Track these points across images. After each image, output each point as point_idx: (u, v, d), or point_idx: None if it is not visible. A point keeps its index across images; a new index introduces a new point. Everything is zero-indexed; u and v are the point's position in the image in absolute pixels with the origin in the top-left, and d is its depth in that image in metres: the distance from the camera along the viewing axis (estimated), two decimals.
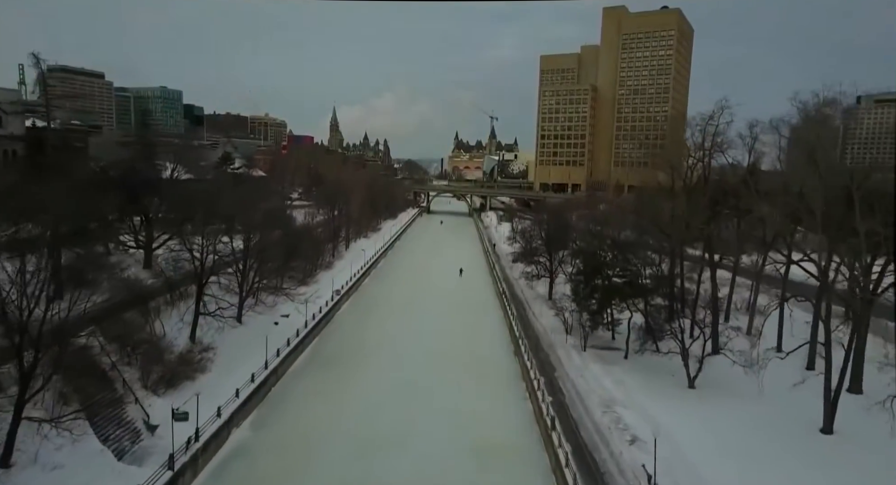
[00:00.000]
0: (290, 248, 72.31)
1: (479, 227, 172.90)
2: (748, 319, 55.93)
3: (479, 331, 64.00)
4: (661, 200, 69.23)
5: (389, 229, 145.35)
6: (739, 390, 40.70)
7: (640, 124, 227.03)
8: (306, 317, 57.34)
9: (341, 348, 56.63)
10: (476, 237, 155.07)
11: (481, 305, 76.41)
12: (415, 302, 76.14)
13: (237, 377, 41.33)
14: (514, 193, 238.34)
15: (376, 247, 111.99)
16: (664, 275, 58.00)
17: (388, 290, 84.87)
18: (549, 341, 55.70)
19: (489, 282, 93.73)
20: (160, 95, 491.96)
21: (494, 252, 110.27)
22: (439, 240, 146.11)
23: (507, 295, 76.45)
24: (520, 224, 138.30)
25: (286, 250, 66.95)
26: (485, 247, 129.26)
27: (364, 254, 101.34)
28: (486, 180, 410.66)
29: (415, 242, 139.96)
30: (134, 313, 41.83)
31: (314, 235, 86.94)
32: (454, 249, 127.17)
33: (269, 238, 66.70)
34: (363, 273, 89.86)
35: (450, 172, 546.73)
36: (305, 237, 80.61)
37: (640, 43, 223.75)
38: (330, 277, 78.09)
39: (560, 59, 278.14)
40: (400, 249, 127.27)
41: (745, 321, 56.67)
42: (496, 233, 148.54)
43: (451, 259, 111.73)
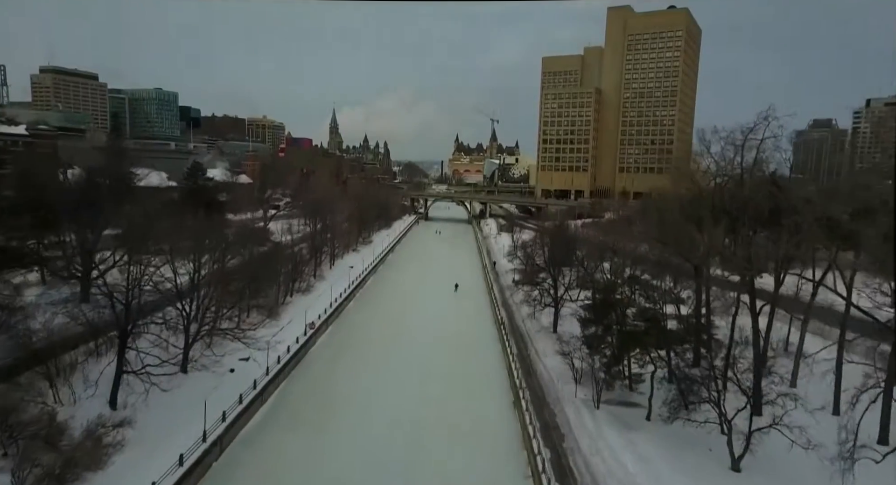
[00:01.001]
0: (258, 274, 63.59)
1: (477, 237, 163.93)
2: (793, 368, 46.89)
3: (473, 376, 54.92)
4: (682, 221, 60.28)
5: (383, 241, 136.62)
6: (801, 477, 31.94)
7: (647, 129, 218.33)
8: (268, 363, 48.48)
9: (307, 403, 47.60)
10: (474, 249, 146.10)
11: (476, 338, 67.36)
12: (401, 335, 67.18)
13: (166, 456, 32.60)
14: (515, 199, 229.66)
15: (366, 263, 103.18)
16: (692, 319, 49.05)
17: (374, 317, 75.87)
18: (555, 394, 46.82)
19: (486, 306, 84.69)
20: (155, 97, 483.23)
21: (494, 270, 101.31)
22: (435, 253, 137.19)
23: (507, 326, 67.59)
24: (521, 235, 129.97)
25: (250, 279, 58.17)
26: (483, 261, 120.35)
27: (351, 272, 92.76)
28: (486, 184, 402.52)
29: (408, 256, 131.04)
30: (32, 375, 33.02)
31: (292, 255, 77.96)
32: (450, 264, 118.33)
33: (229, 266, 58.09)
34: (347, 295, 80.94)
35: (450, 176, 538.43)
36: (279, 259, 71.75)
37: (646, 44, 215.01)
38: (306, 305, 69.30)
39: (562, 61, 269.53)
40: (392, 265, 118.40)
41: (785, 364, 47.88)
42: (496, 244, 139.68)
43: (446, 276, 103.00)
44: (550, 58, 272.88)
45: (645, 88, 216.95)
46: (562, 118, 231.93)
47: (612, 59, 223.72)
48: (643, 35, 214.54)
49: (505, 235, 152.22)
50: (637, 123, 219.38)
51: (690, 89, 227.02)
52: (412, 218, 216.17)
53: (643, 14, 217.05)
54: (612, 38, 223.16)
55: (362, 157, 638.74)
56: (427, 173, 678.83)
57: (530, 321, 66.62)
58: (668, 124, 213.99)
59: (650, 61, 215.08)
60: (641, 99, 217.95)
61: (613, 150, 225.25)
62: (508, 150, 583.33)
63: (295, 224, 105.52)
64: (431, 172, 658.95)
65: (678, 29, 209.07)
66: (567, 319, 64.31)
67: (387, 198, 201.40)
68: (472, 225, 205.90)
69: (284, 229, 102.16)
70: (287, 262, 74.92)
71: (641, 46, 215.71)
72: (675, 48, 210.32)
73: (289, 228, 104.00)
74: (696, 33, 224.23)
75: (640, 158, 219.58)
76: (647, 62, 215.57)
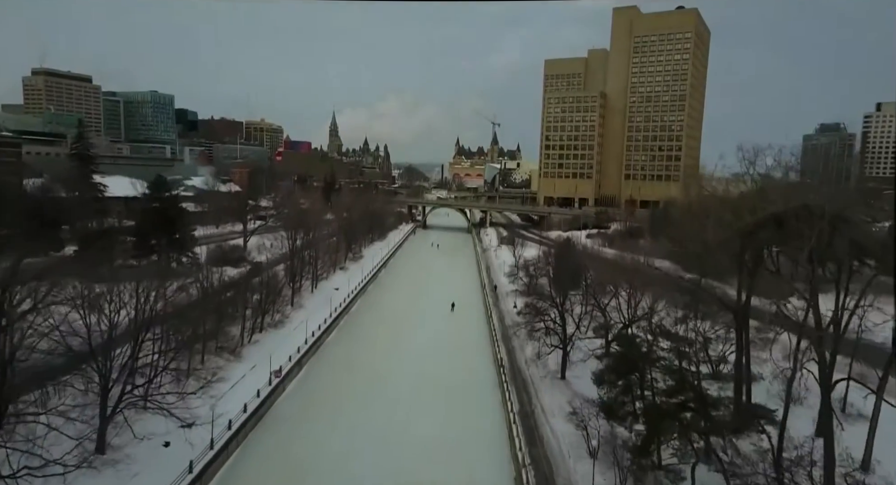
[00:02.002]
0: (218, 309, 54.75)
1: (477, 249, 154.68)
2: (865, 446, 37.64)
3: (468, 442, 45.50)
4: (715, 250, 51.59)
5: (376, 255, 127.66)
6: None
7: (654, 134, 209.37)
8: (213, 434, 39.41)
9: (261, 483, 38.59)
10: (473, 264, 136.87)
11: (473, 384, 57.94)
12: (384, 380, 57.89)
13: None
14: (516, 208, 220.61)
15: (353, 283, 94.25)
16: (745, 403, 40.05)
17: (356, 353, 66.53)
18: (566, 474, 37.76)
19: (485, 339, 75.30)
20: (150, 100, 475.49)
21: (494, 293, 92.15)
22: (431, 268, 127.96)
23: (507, 368, 58.50)
24: (522, 249, 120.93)
25: (200, 319, 49.31)
26: (482, 279, 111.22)
27: (335, 296, 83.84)
28: (487, 189, 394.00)
29: (401, 273, 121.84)
30: None
31: (264, 282, 68.89)
32: (446, 282, 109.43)
33: (179, 302, 49.14)
34: (328, 327, 71.92)
35: (450, 180, 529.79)
36: (246, 288, 62.80)
37: (653, 46, 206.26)
38: (278, 343, 60.37)
39: (566, 64, 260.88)
40: (383, 284, 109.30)
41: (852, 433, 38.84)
42: (496, 259, 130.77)
43: (441, 297, 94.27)
44: (553, 61, 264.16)
45: (652, 92, 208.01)
46: (565, 123, 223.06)
47: (618, 62, 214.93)
48: (650, 37, 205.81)
49: (506, 248, 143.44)
50: (644, 128, 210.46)
51: (699, 93, 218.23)
52: (410, 227, 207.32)
53: (650, 15, 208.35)
54: (618, 39, 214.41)
55: (362, 160, 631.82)
56: (427, 177, 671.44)
57: (535, 365, 57.55)
58: (677, 130, 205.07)
59: (658, 64, 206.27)
60: (648, 103, 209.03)
61: (619, 156, 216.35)
62: (510, 153, 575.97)
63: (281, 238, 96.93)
64: (432, 174, 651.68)
65: (687, 30, 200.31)
66: (577, 363, 55.41)
67: (382, 207, 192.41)
68: (472, 234, 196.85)
69: (270, 245, 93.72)
70: (259, 290, 66.00)
71: (648, 49, 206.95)
72: (683, 50, 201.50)
73: (271, 244, 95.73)
74: (704, 34, 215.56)
75: (647, 165, 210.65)
76: (655, 65, 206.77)
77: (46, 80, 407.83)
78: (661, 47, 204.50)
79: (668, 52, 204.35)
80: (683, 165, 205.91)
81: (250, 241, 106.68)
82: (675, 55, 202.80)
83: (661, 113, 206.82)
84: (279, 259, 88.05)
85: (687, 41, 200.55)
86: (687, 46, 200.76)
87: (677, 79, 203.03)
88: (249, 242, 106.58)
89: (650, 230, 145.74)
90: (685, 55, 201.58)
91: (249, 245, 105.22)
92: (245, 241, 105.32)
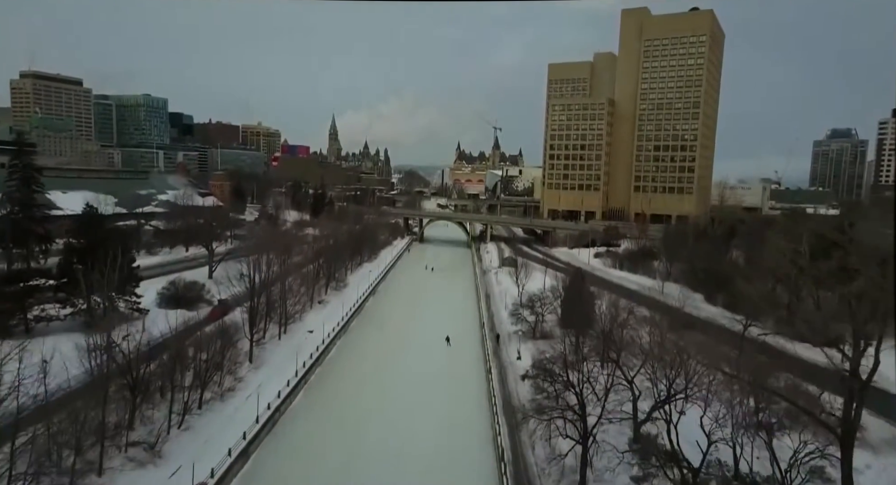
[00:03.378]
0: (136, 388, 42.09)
1: (476, 272, 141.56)
2: None
3: None
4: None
5: (363, 281, 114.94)
6: None
7: (665, 144, 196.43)
8: None
9: None
10: (471, 290, 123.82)
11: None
12: (358, 465, 45.20)
13: None
14: (519, 221, 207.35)
15: (332, 323, 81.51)
16: None
17: (320, 439, 53.23)
18: None
19: (482, 410, 61.76)
20: (143, 103, 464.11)
21: (496, 342, 78.68)
22: (423, 298, 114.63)
23: (510, 465, 45.52)
24: (527, 276, 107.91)
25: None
26: (481, 315, 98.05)
27: (305, 345, 71.23)
28: (488, 197, 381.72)
29: (389, 305, 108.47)
30: None
31: (216, 335, 56.07)
32: (440, 318, 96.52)
33: None
34: (288, 395, 58.75)
35: (450, 186, 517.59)
36: (183, 355, 49.91)
37: (665, 50, 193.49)
38: (220, 426, 47.55)
39: (570, 68, 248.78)
40: (368, 318, 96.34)
41: None
42: (497, 285, 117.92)
43: (432, 340, 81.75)
44: (557, 65, 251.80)
45: (664, 99, 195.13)
46: (570, 132, 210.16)
47: (627, 67, 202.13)
48: (662, 40, 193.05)
49: (508, 270, 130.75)
50: (654, 137, 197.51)
51: (713, 99, 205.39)
52: (405, 241, 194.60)
53: (662, 17, 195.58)
54: (627, 43, 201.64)
55: (361, 165, 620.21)
56: (428, 181, 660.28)
57: (547, 464, 44.50)
58: (690, 140, 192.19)
59: (670, 69, 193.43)
60: (659, 111, 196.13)
61: (628, 167, 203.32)
62: (512, 158, 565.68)
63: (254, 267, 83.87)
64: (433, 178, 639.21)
65: (702, 33, 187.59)
66: (603, 470, 42.39)
67: (377, 219, 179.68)
68: (471, 249, 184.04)
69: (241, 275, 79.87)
70: (207, 347, 53.16)
71: (660, 52, 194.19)
72: (697, 55, 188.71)
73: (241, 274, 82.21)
74: (720, 38, 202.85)
75: (658, 177, 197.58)
76: (667, 70, 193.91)
77: (34, 83, 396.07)
78: (674, 51, 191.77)
79: (681, 57, 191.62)
80: (697, 176, 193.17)
81: (218, 270, 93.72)
82: (689, 60, 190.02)
83: (674, 121, 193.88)
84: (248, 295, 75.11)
85: (702, 45, 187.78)
86: (702, 50, 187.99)
87: (691, 85, 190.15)
88: (217, 272, 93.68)
89: (666, 251, 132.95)
90: (699, 60, 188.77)
91: (218, 275, 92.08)
92: (210, 270, 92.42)
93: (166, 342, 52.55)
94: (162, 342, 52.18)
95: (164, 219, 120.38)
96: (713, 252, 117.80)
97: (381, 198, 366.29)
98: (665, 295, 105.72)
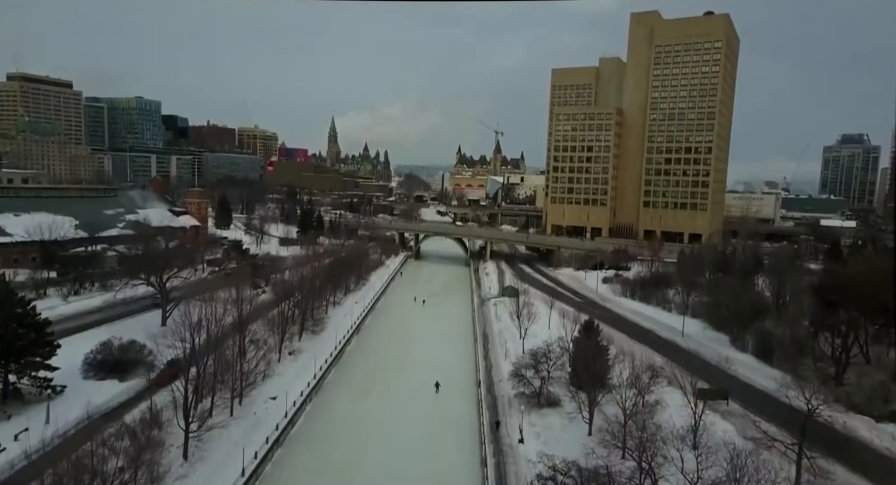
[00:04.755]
0: None
1: (474, 301, 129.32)
2: None
3: None
4: None
5: (347, 317, 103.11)
6: None
7: (677, 157, 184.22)
8: None
9: None
10: (468, 326, 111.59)
11: None
12: None
13: None
14: (521, 239, 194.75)
15: (301, 382, 69.67)
16: None
17: None
18: None
19: None
20: (136, 106, 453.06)
21: (497, 428, 65.50)
22: (412, 339, 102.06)
23: None
24: (529, 316, 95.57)
25: None
26: (477, 364, 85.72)
27: (268, 413, 59.51)
28: (489, 205, 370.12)
29: (375, 346, 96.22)
30: None
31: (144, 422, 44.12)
32: (432, 362, 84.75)
33: None
34: None
35: (450, 192, 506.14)
36: None
37: (677, 57, 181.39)
38: None
39: (575, 74, 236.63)
40: (347, 369, 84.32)
41: None
42: (495, 321, 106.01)
43: (417, 401, 70.06)
44: (561, 70, 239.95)
45: (675, 109, 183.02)
46: (575, 143, 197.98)
47: (636, 74, 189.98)
48: (674, 46, 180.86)
49: (508, 301, 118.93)
50: (665, 149, 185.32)
51: (728, 109, 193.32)
52: (400, 259, 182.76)
53: (674, 21, 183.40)
54: (636, 48, 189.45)
55: (359, 169, 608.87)
56: (428, 184, 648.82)
57: None
58: (704, 152, 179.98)
59: (682, 77, 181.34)
60: (671, 121, 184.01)
61: (636, 181, 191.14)
62: (513, 162, 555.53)
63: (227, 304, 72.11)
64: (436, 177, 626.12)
65: (717, 39, 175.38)
66: None
67: (369, 238, 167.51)
68: (470, 269, 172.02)
69: (204, 322, 67.23)
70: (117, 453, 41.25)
71: (672, 59, 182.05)
72: (713, 62, 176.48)
73: (204, 321, 70.10)
74: (734, 43, 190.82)
75: (669, 192, 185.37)
76: (679, 78, 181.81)
77: (22, 86, 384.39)
78: (687, 58, 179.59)
79: (694, 64, 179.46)
80: (711, 190, 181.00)
81: (178, 313, 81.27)
82: (703, 67, 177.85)
83: (686, 133, 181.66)
84: (209, 348, 63.13)
85: (717, 51, 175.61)
86: (717, 57, 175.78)
87: (705, 94, 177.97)
88: (180, 312, 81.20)
89: (681, 280, 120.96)
90: (714, 67, 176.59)
91: (174, 320, 79.36)
92: (164, 315, 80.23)
93: (74, 438, 40.75)
94: (68, 437, 40.27)
95: (127, 244, 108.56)
96: (736, 283, 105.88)
97: (377, 205, 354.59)
98: (687, 337, 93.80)
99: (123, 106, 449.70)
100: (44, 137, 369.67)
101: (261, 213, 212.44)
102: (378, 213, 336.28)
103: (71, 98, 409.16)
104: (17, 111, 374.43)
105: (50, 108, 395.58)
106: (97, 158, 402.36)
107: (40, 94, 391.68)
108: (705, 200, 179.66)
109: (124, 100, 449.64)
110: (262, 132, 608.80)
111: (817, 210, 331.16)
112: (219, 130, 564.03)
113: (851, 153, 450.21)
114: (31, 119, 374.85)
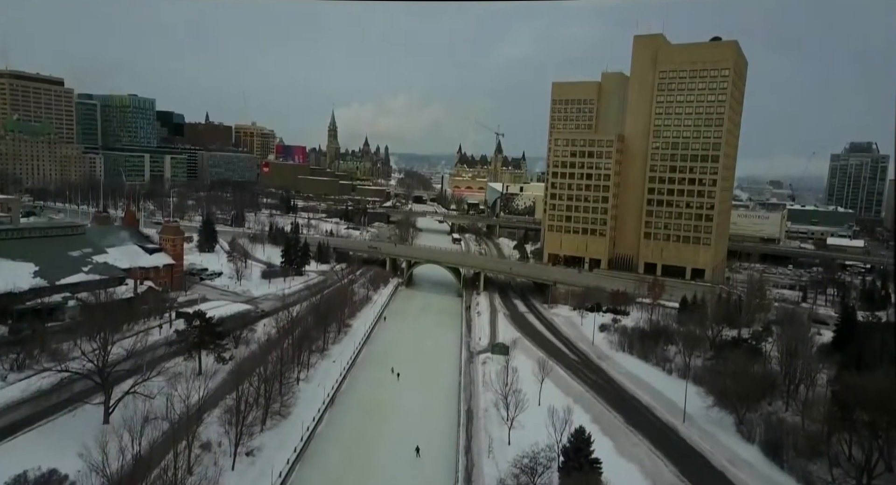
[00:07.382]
0: None
1: (462, 356, 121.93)
2: None
3: None
4: None
5: (320, 386, 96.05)
6: None
7: (680, 188, 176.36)
8: None
9: None
10: (452, 397, 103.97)
11: None
12: None
13: None
14: (521, 271, 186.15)
15: None
16: None
17: None
18: None
19: None
20: (130, 104, 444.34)
21: None
22: (391, 418, 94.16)
23: None
24: (517, 406, 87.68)
25: None
26: (457, 462, 78.47)
27: None
28: (487, 214, 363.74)
29: (351, 422, 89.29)
30: None
31: None
32: (408, 449, 77.56)
33: None
34: None
35: (450, 194, 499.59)
36: None
37: (682, 83, 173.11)
38: None
39: (576, 88, 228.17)
40: (318, 454, 77.13)
41: None
42: (482, 390, 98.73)
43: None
44: (562, 84, 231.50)
45: (679, 138, 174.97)
46: (574, 170, 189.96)
47: (639, 99, 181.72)
48: (679, 72, 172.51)
49: (499, 361, 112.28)
50: (668, 180, 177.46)
51: (734, 137, 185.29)
52: (389, 289, 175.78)
53: (680, 47, 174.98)
54: (640, 72, 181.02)
55: (357, 168, 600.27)
56: (429, 181, 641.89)
57: None
58: (709, 184, 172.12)
59: (687, 104, 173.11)
60: (674, 151, 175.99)
61: (637, 211, 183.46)
62: (514, 162, 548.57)
63: None
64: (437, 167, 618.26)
65: (725, 66, 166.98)
66: None
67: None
68: (462, 305, 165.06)
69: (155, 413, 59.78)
70: None
71: (676, 86, 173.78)
72: (719, 90, 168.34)
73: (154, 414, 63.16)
74: (742, 69, 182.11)
75: (672, 225, 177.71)
76: (684, 105, 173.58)
77: (11, 83, 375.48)
78: (692, 85, 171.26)
79: (699, 91, 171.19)
80: (716, 224, 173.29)
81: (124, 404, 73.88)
82: (709, 95, 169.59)
83: (691, 163, 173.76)
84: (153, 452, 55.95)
85: (724, 79, 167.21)
86: (724, 85, 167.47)
87: (710, 124, 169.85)
88: (126, 404, 73.93)
89: (682, 336, 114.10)
90: (721, 96, 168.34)
91: (126, 414, 71.84)
92: (107, 411, 72.59)
93: None
94: None
95: (87, 296, 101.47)
96: (741, 355, 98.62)
97: (372, 214, 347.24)
98: (689, 421, 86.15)
99: (116, 103, 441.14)
100: (33, 136, 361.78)
101: (249, 227, 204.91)
102: (374, 221, 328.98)
103: (62, 96, 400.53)
104: (5, 110, 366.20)
105: (40, 107, 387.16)
106: (89, 158, 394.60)
107: (30, 92, 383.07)
108: (709, 235, 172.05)
109: (117, 97, 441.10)
110: (259, 130, 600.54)
111: (823, 223, 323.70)
112: (215, 128, 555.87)
113: (859, 162, 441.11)
114: (20, 118, 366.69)
